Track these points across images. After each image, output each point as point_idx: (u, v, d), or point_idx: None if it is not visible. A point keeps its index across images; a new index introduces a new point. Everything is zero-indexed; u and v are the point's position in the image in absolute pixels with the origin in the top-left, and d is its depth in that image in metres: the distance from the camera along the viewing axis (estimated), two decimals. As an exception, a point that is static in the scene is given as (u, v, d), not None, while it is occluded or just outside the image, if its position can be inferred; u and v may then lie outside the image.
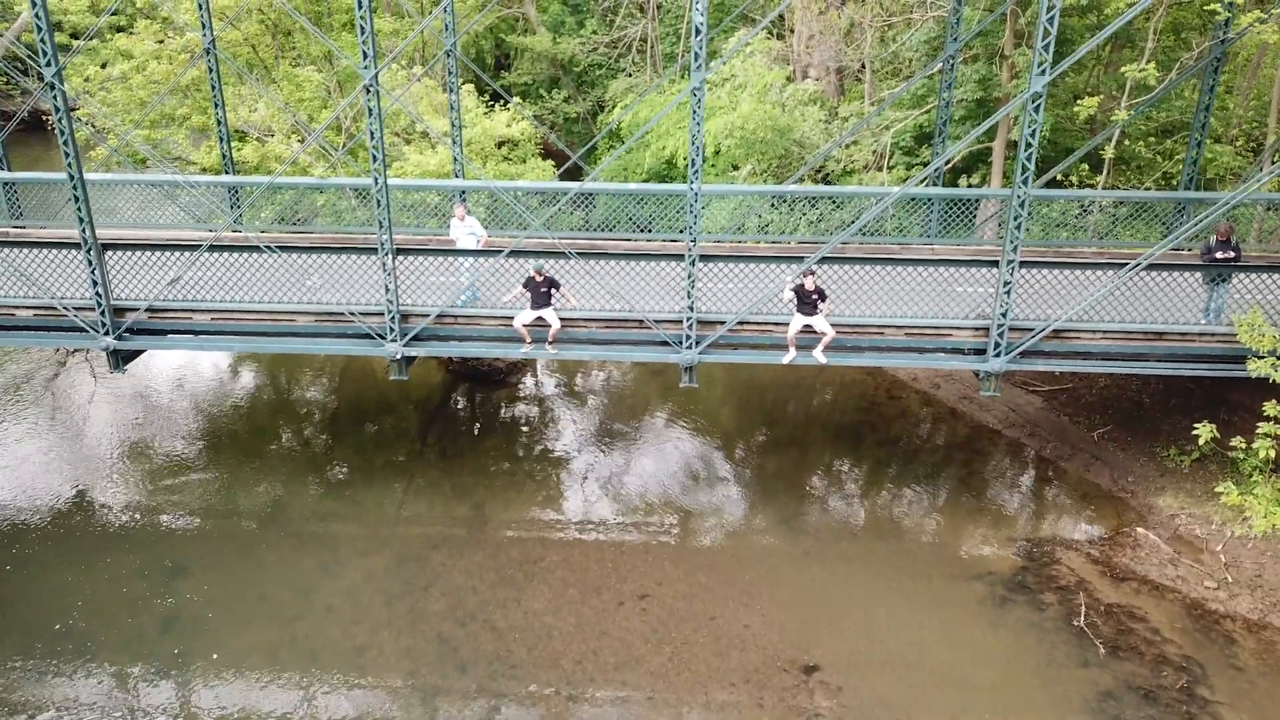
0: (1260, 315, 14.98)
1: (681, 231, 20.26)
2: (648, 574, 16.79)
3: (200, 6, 19.04)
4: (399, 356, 16.32)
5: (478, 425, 22.55)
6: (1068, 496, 19.68)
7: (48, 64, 14.47)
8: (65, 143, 14.98)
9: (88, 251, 15.69)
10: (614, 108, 34.65)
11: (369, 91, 14.54)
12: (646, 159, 27.94)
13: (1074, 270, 16.10)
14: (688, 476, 20.27)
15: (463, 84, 23.16)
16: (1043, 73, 13.99)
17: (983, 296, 16.61)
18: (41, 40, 14.38)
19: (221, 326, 16.72)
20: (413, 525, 18.31)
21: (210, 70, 20.10)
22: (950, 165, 24.72)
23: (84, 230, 15.52)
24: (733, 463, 20.98)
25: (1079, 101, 20.00)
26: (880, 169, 25.87)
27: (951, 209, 20.70)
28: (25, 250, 16.50)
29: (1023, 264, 15.60)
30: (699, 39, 14.04)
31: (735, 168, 24.78)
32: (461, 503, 19.03)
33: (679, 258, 15.97)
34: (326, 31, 27.90)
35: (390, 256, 15.61)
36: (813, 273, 15.51)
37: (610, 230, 21.19)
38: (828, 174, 26.07)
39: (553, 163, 25.84)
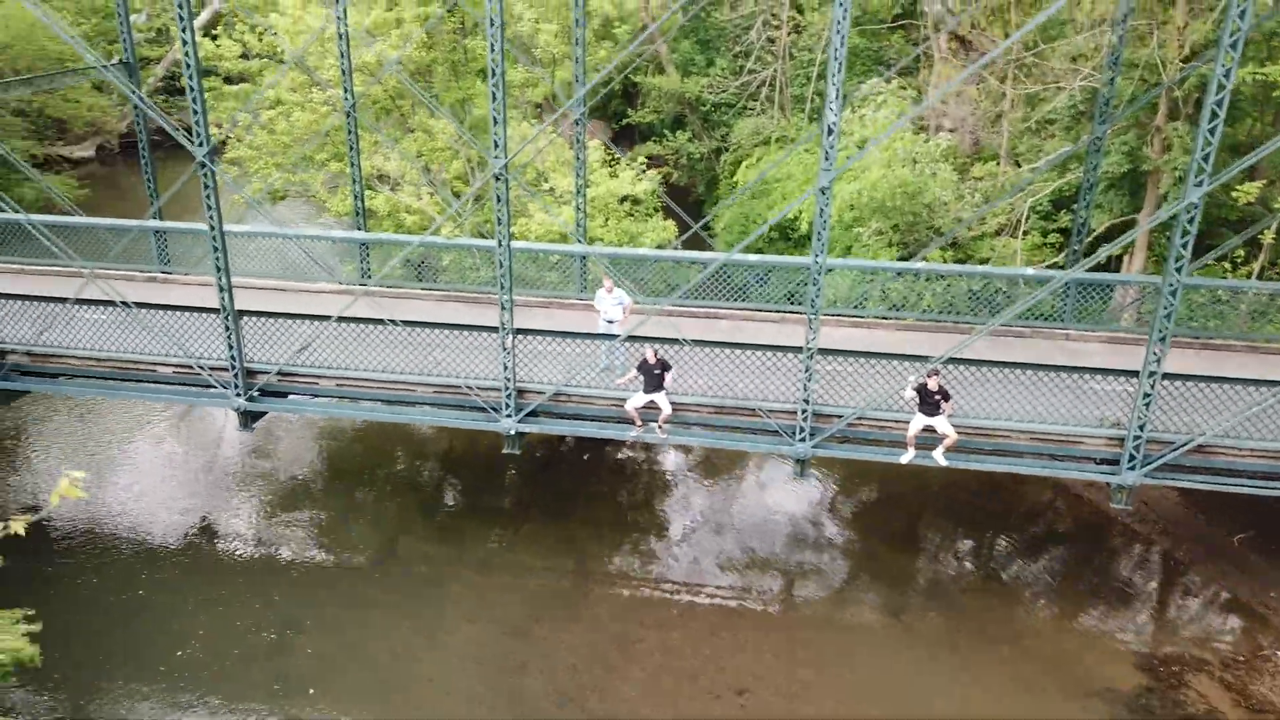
0: None
1: (799, 300, 19.84)
2: (747, 666, 16.48)
3: (343, 72, 19.75)
4: (513, 432, 16.50)
5: (589, 476, 22.64)
6: (1201, 607, 18.44)
7: (200, 144, 15.20)
8: (211, 217, 15.73)
9: (225, 318, 16.43)
10: (737, 150, 34.44)
11: (498, 180, 14.75)
12: (769, 213, 27.67)
13: (1222, 385, 14.98)
14: (794, 557, 19.85)
15: (590, 140, 23.35)
16: (1200, 184, 13.12)
17: (1119, 394, 15.65)
18: (196, 121, 15.13)
19: (346, 392, 17.26)
20: (517, 581, 18.49)
21: (349, 119, 20.79)
22: (1092, 235, 23.52)
23: (223, 298, 16.26)
24: (843, 545, 20.45)
25: (1238, 187, 18.70)
26: (1014, 234, 24.84)
27: (1089, 287, 19.65)
28: (170, 312, 17.37)
29: (1165, 376, 14.65)
30: (830, 138, 13.72)
31: (859, 224, 24.14)
32: (565, 556, 19.20)
33: (796, 349, 15.60)
34: (463, 77, 28.54)
35: (510, 336, 15.79)
36: (937, 372, 14.96)
37: (726, 291, 20.92)
38: (956, 239, 25.18)
39: (673, 222, 25.79)
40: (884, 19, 34.70)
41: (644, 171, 25.59)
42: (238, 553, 19.37)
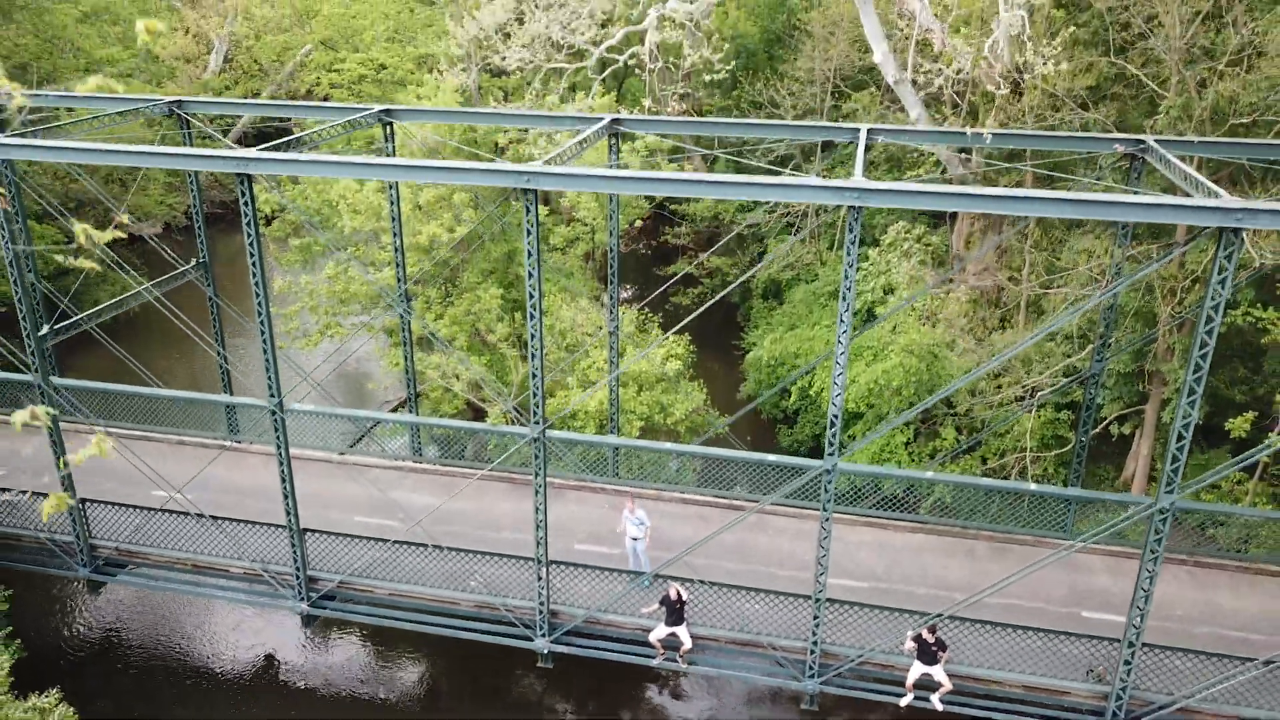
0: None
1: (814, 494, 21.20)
2: None
3: (397, 265, 21.57)
4: (546, 652, 18.13)
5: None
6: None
7: (273, 396, 17.03)
8: (279, 448, 17.59)
9: (291, 535, 18.29)
10: (771, 266, 35.96)
11: (536, 442, 16.44)
12: (797, 355, 29.11)
13: (1207, 658, 16.14)
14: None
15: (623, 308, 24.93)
16: (1170, 491, 14.42)
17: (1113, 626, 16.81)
18: (270, 380, 16.99)
19: (396, 602, 19.02)
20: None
21: (403, 323, 22.65)
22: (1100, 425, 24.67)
23: (290, 518, 18.13)
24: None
25: (1229, 420, 19.83)
26: (1030, 408, 26.00)
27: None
28: (243, 525, 19.31)
29: (1147, 645, 15.90)
30: (833, 429, 15.22)
31: (877, 409, 25.53)
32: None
33: (806, 596, 17.07)
34: (511, 235, 30.31)
35: (545, 568, 17.43)
36: (934, 628, 16.33)
37: (747, 480, 22.39)
38: (969, 410, 26.41)
39: (701, 383, 27.30)
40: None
41: (669, 336, 27.23)
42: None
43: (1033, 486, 20.73)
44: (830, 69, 33.42)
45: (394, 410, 32.85)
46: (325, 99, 46.15)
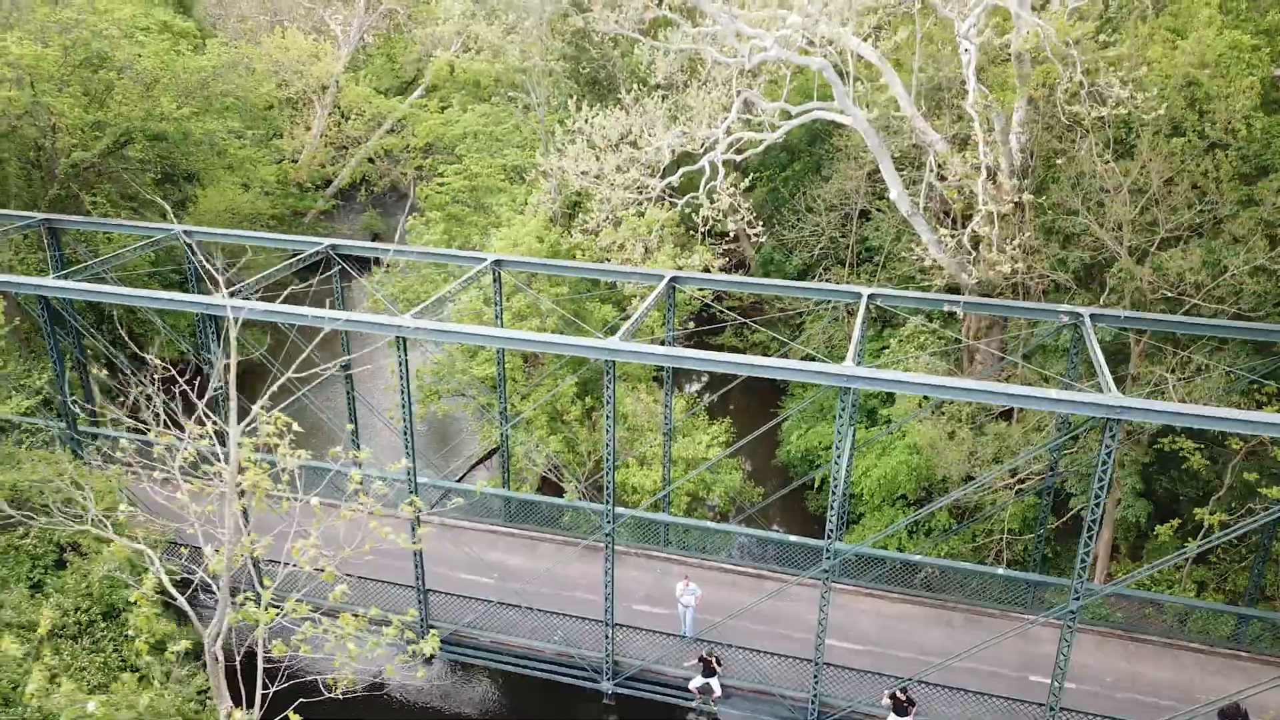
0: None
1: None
2: None
3: (500, 404, 27.40)
4: (610, 692, 23.78)
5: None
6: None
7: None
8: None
9: (418, 592, 24.13)
10: (808, 342, 41.32)
11: (608, 535, 22.08)
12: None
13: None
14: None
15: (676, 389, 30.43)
16: (1077, 599, 19.54)
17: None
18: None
19: (498, 647, 24.78)
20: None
21: (503, 439, 28.46)
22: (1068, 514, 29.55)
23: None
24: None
25: (1158, 526, 24.76)
26: (1014, 495, 30.97)
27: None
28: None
29: (1065, 709, 21.02)
30: (830, 523, 20.61)
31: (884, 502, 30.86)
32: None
33: (808, 660, 22.47)
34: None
35: (611, 628, 23.06)
36: (906, 689, 21.62)
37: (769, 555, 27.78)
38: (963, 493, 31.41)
39: (740, 459, 32.81)
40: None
41: (715, 422, 32.75)
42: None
43: (1000, 570, 25.89)
44: (857, 186, 38.71)
45: (478, 465, 38.87)
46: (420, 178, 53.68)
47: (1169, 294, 24.09)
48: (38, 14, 32.20)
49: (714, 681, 22.98)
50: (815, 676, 22.03)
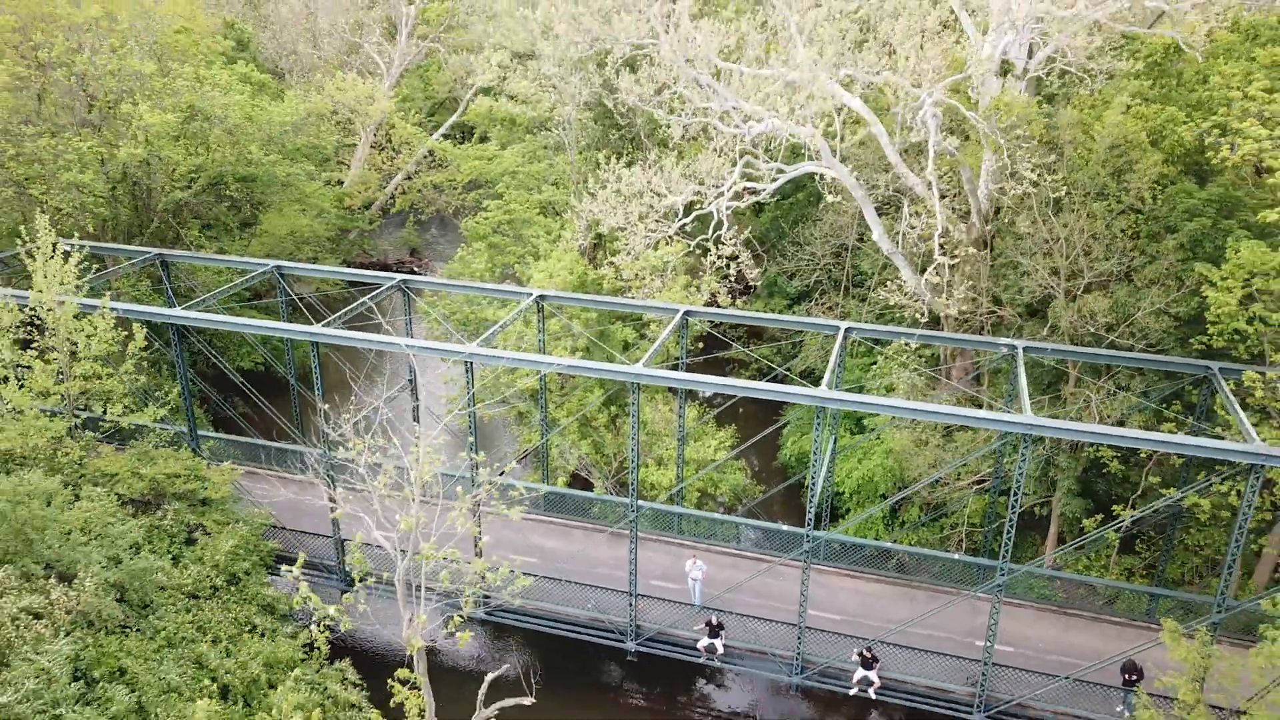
0: None
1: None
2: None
3: (541, 414, 32.85)
4: (633, 650, 29.20)
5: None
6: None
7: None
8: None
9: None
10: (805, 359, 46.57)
11: (633, 522, 27.47)
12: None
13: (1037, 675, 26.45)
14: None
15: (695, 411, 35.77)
16: (1002, 575, 24.82)
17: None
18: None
19: (539, 612, 30.20)
20: None
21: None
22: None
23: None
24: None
25: (1086, 520, 29.99)
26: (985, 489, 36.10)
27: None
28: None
29: (997, 665, 26.27)
30: (810, 515, 25.97)
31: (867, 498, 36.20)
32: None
33: (792, 624, 27.78)
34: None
35: (635, 598, 28.45)
36: (870, 650, 26.96)
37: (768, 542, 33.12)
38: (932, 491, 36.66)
39: (744, 460, 38.26)
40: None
41: (721, 426, 38.06)
42: None
43: (956, 556, 31.19)
44: (848, 222, 44.03)
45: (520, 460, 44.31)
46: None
47: (1092, 330, 29.32)
48: (155, 84, 38.02)
49: (718, 642, 28.35)
50: (799, 638, 27.40)
